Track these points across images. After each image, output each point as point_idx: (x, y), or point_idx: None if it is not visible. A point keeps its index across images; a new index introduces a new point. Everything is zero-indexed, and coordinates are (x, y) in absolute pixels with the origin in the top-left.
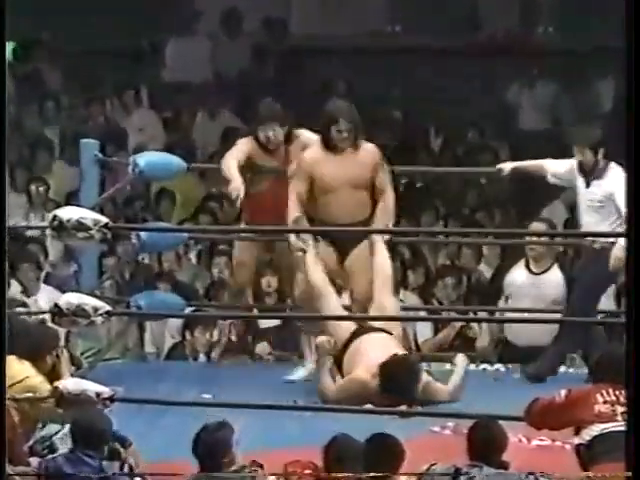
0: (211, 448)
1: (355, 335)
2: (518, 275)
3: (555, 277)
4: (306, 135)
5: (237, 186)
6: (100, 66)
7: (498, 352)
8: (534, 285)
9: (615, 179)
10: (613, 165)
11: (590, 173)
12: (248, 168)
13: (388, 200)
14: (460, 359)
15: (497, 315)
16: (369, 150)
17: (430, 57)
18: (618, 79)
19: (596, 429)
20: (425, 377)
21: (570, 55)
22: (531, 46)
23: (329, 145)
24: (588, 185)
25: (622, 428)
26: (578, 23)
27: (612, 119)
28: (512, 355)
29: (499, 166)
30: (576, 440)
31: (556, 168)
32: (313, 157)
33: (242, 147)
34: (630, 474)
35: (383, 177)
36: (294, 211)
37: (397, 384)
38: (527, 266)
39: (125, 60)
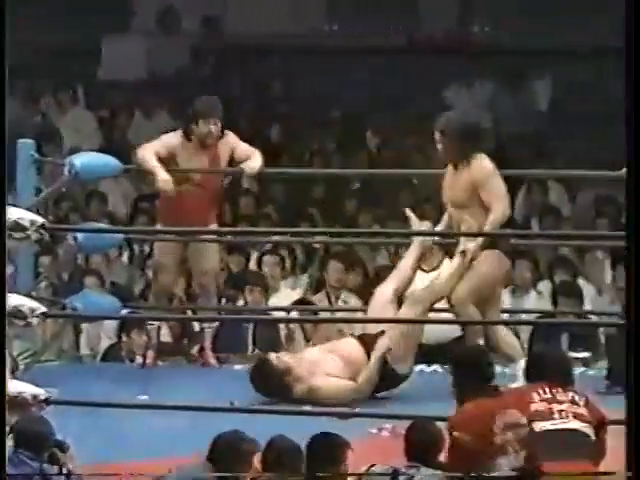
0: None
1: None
2: None
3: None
4: (233, 136)
5: (166, 180)
6: (35, 64)
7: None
8: (424, 282)
9: None
10: None
11: None
12: (167, 163)
13: (491, 217)
14: (380, 344)
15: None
16: (475, 166)
17: (369, 56)
18: (555, 79)
19: (535, 427)
20: (322, 377)
21: (508, 55)
22: (469, 46)
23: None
24: None
25: (561, 426)
26: (516, 23)
27: (548, 118)
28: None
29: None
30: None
31: None
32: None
33: (166, 140)
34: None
35: (487, 192)
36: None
37: (255, 382)
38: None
39: (61, 58)
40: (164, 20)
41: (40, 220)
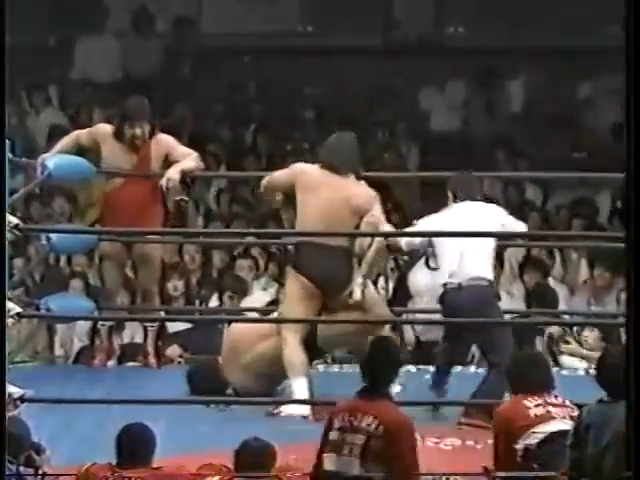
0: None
1: None
2: (419, 273)
3: None
4: (168, 138)
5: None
6: (8, 64)
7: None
8: (431, 280)
9: None
10: None
11: None
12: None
13: None
14: None
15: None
16: None
17: (343, 57)
18: (528, 79)
19: (540, 430)
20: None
21: (482, 55)
22: (443, 46)
23: None
24: None
25: (564, 427)
26: (489, 24)
27: (522, 119)
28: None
29: None
30: (520, 445)
31: None
32: None
33: (95, 128)
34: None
35: None
36: None
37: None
38: (426, 263)
39: (34, 59)
40: (138, 21)
41: (15, 220)
